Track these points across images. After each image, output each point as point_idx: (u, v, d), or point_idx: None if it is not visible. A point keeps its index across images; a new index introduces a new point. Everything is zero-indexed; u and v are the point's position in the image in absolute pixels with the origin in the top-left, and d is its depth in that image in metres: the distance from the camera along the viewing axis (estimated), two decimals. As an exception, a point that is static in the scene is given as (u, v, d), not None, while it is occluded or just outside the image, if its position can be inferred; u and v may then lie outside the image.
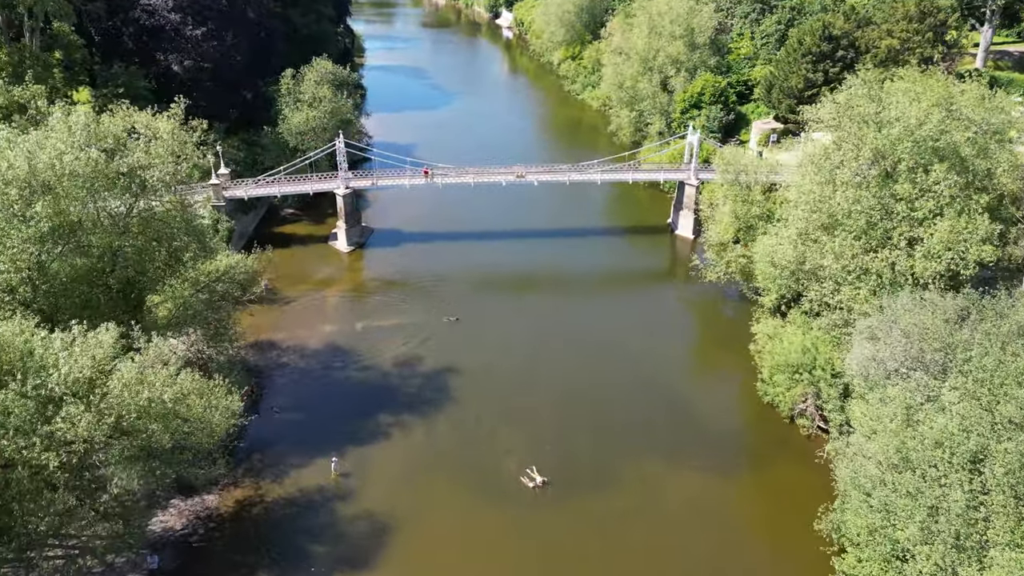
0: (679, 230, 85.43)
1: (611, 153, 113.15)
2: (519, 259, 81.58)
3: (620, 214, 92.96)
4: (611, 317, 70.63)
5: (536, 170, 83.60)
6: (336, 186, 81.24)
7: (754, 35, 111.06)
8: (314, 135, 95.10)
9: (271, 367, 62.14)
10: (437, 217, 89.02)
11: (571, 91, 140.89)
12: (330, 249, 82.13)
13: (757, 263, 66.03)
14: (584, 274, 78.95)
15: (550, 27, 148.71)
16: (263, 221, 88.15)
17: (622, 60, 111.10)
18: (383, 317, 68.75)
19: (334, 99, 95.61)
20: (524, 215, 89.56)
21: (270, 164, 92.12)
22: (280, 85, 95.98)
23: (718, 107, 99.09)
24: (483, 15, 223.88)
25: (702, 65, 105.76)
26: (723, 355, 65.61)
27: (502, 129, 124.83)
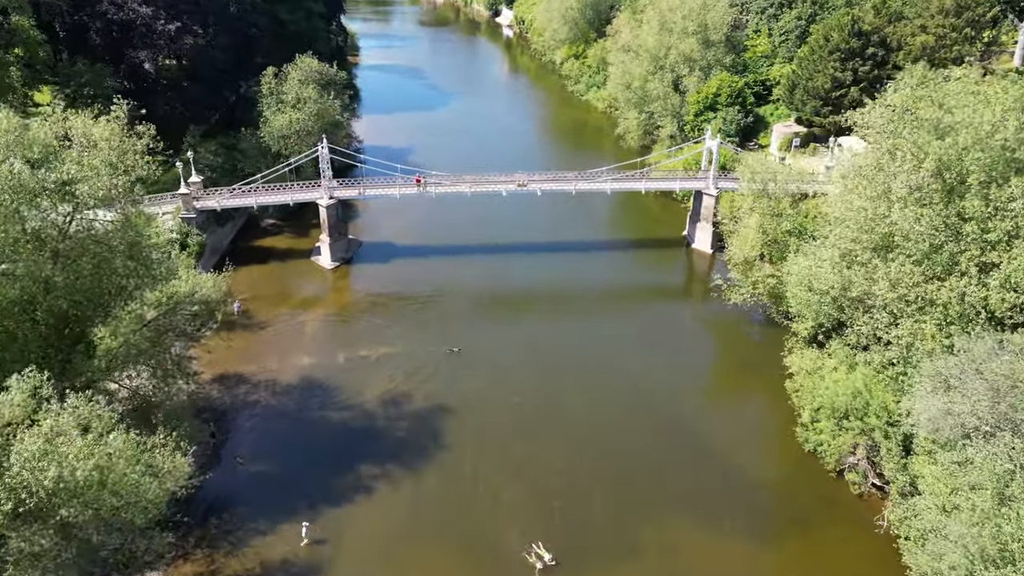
0: (696, 244, 77.25)
1: (618, 158, 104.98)
2: (521, 276, 73.48)
3: (630, 226, 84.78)
4: (624, 343, 62.55)
5: (539, 178, 75.51)
6: (319, 196, 73.07)
7: (772, 32, 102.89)
8: (298, 139, 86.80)
9: (238, 406, 53.99)
10: (431, 228, 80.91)
11: (574, 92, 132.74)
12: (313, 265, 73.95)
13: (789, 285, 57.96)
14: (592, 293, 70.86)
15: (552, 24, 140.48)
16: (241, 233, 79.95)
17: (630, 59, 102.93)
18: (369, 346, 60.57)
19: (320, 100, 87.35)
20: (526, 227, 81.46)
21: (250, 171, 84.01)
22: (262, 85, 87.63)
23: (735, 109, 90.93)
24: (482, 13, 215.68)
25: (717, 64, 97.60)
26: (752, 390, 57.56)
27: (502, 132, 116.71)
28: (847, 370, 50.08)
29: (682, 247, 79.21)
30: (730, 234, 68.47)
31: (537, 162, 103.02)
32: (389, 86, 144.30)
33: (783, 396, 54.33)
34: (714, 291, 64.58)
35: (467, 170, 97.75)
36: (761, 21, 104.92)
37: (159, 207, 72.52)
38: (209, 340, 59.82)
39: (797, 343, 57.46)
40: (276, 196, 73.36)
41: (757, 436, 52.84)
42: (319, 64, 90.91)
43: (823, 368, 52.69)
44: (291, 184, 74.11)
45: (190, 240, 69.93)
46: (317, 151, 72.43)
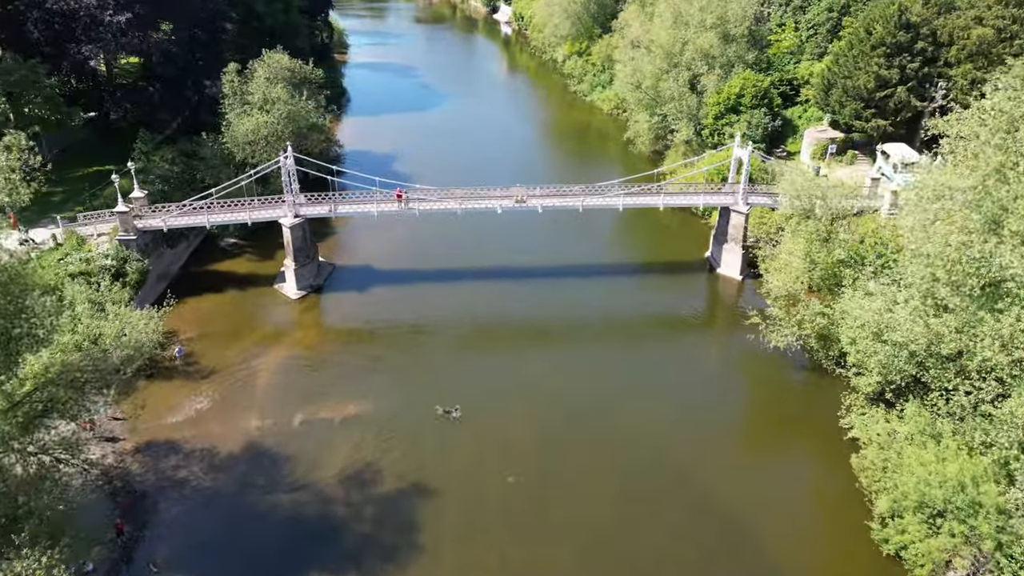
0: (722, 268, 65.72)
1: (627, 165, 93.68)
2: (519, 306, 62.03)
3: (644, 246, 73.12)
4: (641, 393, 51.23)
5: (540, 193, 64.00)
6: (281, 215, 61.59)
7: (798, 25, 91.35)
8: (266, 145, 75.29)
9: (163, 486, 42.57)
10: (416, 249, 69.54)
11: (577, 92, 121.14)
12: (276, 294, 62.46)
13: (846, 328, 46.74)
14: (602, 328, 59.40)
15: (553, 20, 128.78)
16: (195, 256, 68.40)
17: (640, 55, 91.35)
18: (333, 402, 49.09)
19: (291, 101, 75.82)
20: (525, 247, 69.93)
21: (211, 181, 72.57)
22: (223, 84, 76.06)
23: (761, 112, 79.38)
24: (480, 10, 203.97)
25: (738, 61, 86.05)
26: (802, 458, 46.23)
27: (499, 136, 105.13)
28: (935, 447, 38.70)
29: (705, 271, 67.72)
30: (766, 260, 57.13)
31: (537, 170, 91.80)
32: (378, 85, 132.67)
33: (842, 468, 43.09)
34: (748, 328, 53.37)
35: (460, 179, 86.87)
36: (786, 14, 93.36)
37: (94, 227, 61.16)
38: (140, 393, 48.76)
39: (858, 400, 46.16)
40: (232, 214, 61.85)
41: (817, 529, 41.40)
42: (290, 60, 79.37)
43: (897, 437, 41.39)
44: (251, 200, 62.55)
45: (128, 266, 58.50)
46: (282, 160, 60.72)
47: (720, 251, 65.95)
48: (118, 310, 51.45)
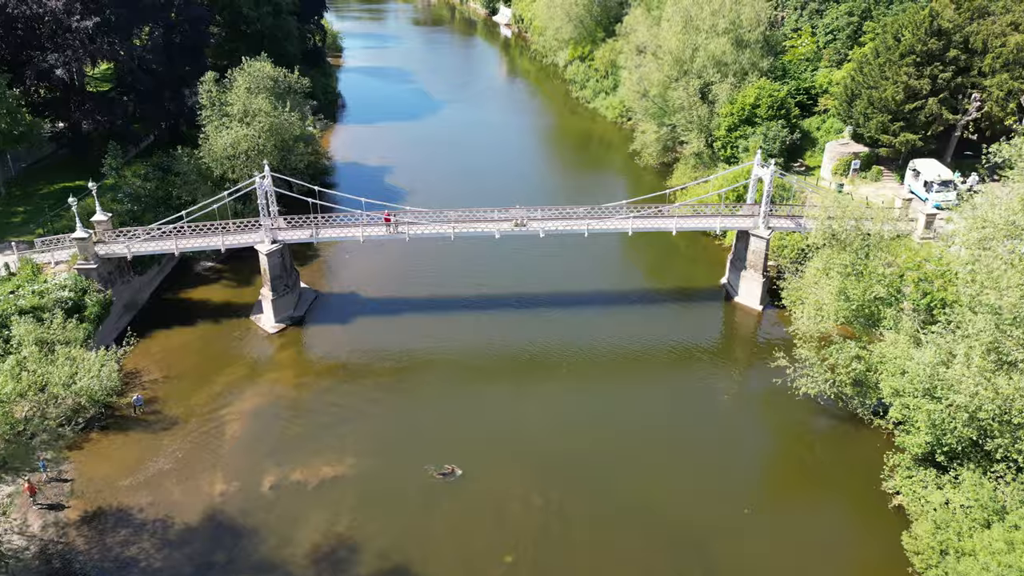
0: (740, 297, 59.81)
1: (632, 177, 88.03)
2: (517, 338, 56.21)
3: (654, 271, 67.09)
4: (651, 441, 45.63)
5: (542, 215, 58.06)
6: (258, 240, 55.70)
7: (815, 30, 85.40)
8: (247, 160, 69.55)
9: (107, 568, 36.64)
10: (407, 275, 63.73)
11: (580, 98, 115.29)
12: (252, 328, 56.60)
13: (888, 378, 40.94)
14: (608, 365, 53.45)
15: (555, 23, 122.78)
16: (168, 282, 62.56)
17: (647, 62, 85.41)
18: (308, 460, 43.20)
19: (274, 113, 69.92)
20: (525, 272, 64.08)
21: (188, 199, 66.95)
22: (200, 94, 70.16)
23: (779, 124, 73.41)
24: (479, 12, 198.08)
25: (752, 68, 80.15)
26: (837, 525, 40.27)
27: (497, 145, 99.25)
28: (1001, 528, 32.87)
29: (720, 300, 61.77)
30: (790, 292, 51.35)
31: (537, 183, 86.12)
32: (374, 91, 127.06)
33: (887, 541, 37.31)
34: (771, 366, 47.73)
35: (456, 192, 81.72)
36: (801, 18, 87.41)
37: (52, 254, 55.35)
38: (91, 448, 43.02)
39: (904, 462, 40.36)
40: (202, 240, 55.96)
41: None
42: (273, 68, 73.43)
43: (953, 510, 35.59)
44: (225, 224, 56.62)
45: (88, 299, 52.65)
46: (257, 181, 54.79)
47: (738, 278, 60.02)
48: (71, 351, 46.06)
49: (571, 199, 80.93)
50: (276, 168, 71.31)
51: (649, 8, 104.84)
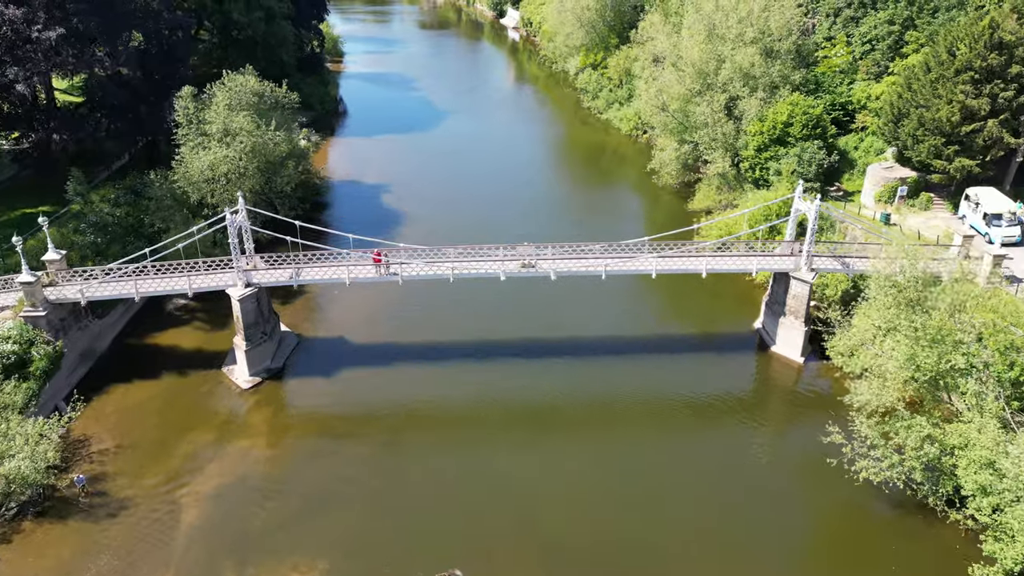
0: (778, 347, 52.23)
1: (649, 198, 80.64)
2: (524, 392, 49.09)
3: (676, 311, 59.28)
4: (682, 528, 38.21)
5: (552, 254, 50.58)
6: (229, 283, 48.44)
7: (851, 39, 77.57)
8: (227, 184, 62.49)
9: None
10: (402, 315, 56.40)
11: (592, 108, 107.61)
12: (224, 381, 49.39)
13: (971, 468, 33.52)
14: (626, 428, 46.02)
15: (565, 28, 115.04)
16: (133, 324, 55.31)
17: (666, 73, 77.75)
18: (275, 563, 35.93)
19: (258, 132, 62.71)
20: (532, 312, 56.57)
21: (161, 227, 60.02)
22: (177, 111, 62.99)
23: (815, 144, 65.72)
24: (486, 14, 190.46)
25: (784, 82, 72.49)
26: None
27: (503, 160, 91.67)
28: None
29: (753, 348, 54.23)
30: (839, 345, 43.98)
31: (546, 203, 78.81)
32: (375, 99, 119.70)
33: None
34: (815, 431, 40.37)
35: (458, 211, 74.62)
36: (835, 26, 79.53)
37: None
38: (21, 542, 35.99)
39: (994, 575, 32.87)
40: (167, 283, 48.74)
41: None
42: (258, 82, 66.17)
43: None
44: (194, 263, 49.33)
45: (35, 351, 45.55)
46: (228, 217, 47.46)
47: (775, 324, 52.46)
48: (4, 422, 39.06)
49: (584, 222, 74.29)
50: (260, 192, 64.58)
51: (667, 14, 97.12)
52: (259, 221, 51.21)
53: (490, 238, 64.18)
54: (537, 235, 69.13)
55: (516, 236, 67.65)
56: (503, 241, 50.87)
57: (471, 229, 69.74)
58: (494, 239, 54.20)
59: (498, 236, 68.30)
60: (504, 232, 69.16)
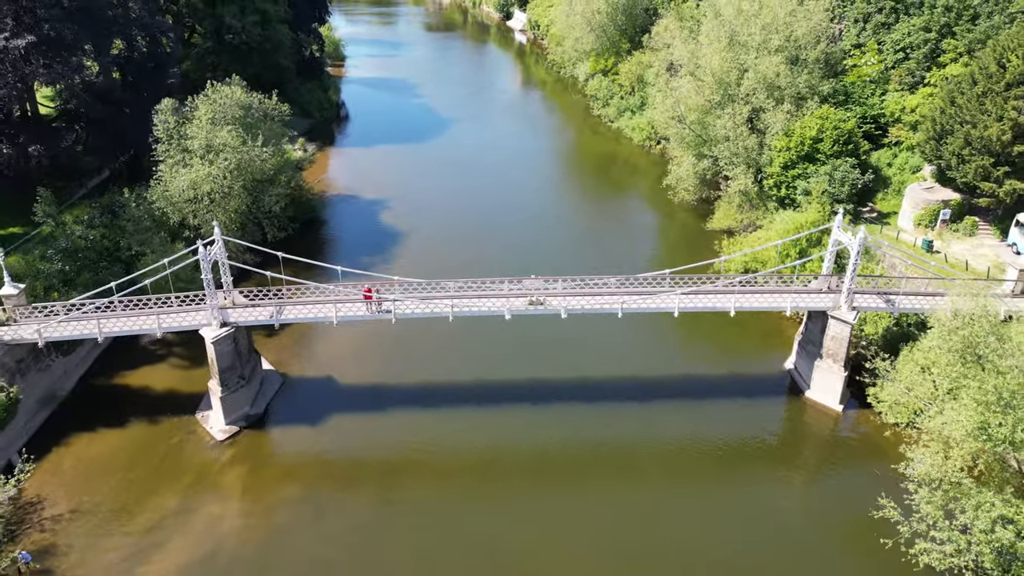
0: (813, 392, 46.71)
1: (664, 213, 74.94)
2: (532, 442, 43.97)
3: (694, 346, 53.37)
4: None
5: (563, 288, 45.22)
6: (203, 322, 43.18)
7: (882, 46, 71.82)
8: (211, 204, 57.37)
9: None
10: (397, 351, 51.12)
11: (602, 116, 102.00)
12: (197, 429, 44.16)
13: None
14: (644, 484, 40.85)
15: (574, 32, 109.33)
16: (102, 361, 50.01)
17: (684, 82, 72.11)
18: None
19: (243, 148, 57.49)
20: (540, 353, 50.95)
21: (139, 251, 54.89)
22: (156, 125, 57.83)
23: (848, 162, 60.14)
24: (492, 16, 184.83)
25: (811, 93, 66.92)
26: None
27: (509, 170, 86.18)
28: None
29: (783, 391, 48.73)
30: (883, 393, 38.61)
31: (553, 220, 73.40)
32: (377, 105, 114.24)
33: None
34: (858, 495, 35.08)
35: (460, 231, 69.30)
36: (864, 32, 73.74)
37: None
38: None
39: None
40: (133, 321, 43.52)
41: None
42: (244, 93, 60.88)
43: None
44: (167, 297, 44.08)
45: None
46: (200, 251, 42.20)
47: (809, 367, 46.91)
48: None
49: (593, 240, 68.73)
50: (247, 212, 59.39)
51: (681, 17, 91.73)
52: (240, 250, 45.92)
53: (494, 258, 59.37)
54: (544, 254, 64.61)
55: (521, 256, 63.28)
56: (507, 264, 46.19)
57: (473, 248, 65.05)
58: (498, 259, 49.24)
59: (502, 256, 63.68)
60: (509, 252, 64.42)
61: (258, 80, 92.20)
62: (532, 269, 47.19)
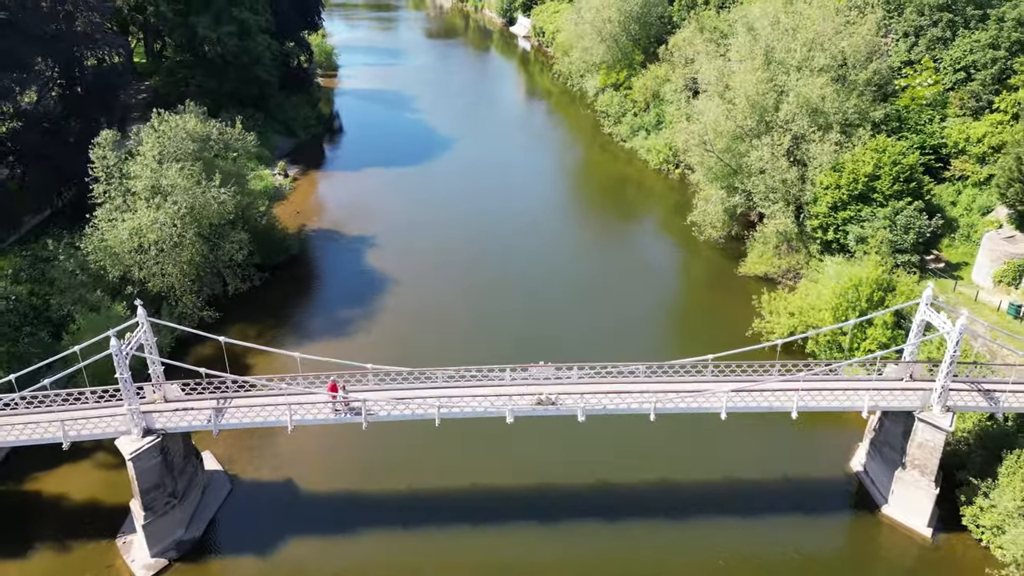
0: (891, 507, 36.70)
1: (688, 251, 64.85)
2: (541, 571, 33.80)
3: (735, 439, 42.52)
4: None
5: (579, 377, 35.37)
6: (121, 429, 33.32)
7: (939, 64, 61.74)
8: (159, 255, 47.54)
9: None
10: (373, 450, 40.99)
11: (613, 134, 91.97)
12: (117, 562, 34.28)
13: None
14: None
15: (583, 42, 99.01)
16: (9, 459, 40.07)
17: (713, 104, 62.02)
18: None
19: (195, 189, 47.62)
20: (548, 450, 40.91)
21: (67, 311, 45.20)
22: (93, 163, 48.01)
23: (912, 206, 50.13)
24: (495, 21, 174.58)
25: (862, 119, 56.98)
26: None
27: (510, 199, 76.23)
28: None
29: (849, 499, 38.75)
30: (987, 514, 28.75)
31: (560, 261, 63.41)
32: (370, 121, 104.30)
33: None
34: None
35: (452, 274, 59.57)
36: (916, 48, 63.60)
37: None
38: None
39: None
40: (33, 429, 33.62)
41: None
42: (200, 122, 50.93)
43: None
44: (80, 392, 34.26)
45: None
46: (113, 343, 32.37)
47: (887, 476, 36.92)
48: None
49: (608, 290, 58.52)
50: (203, 263, 49.55)
51: (702, 28, 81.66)
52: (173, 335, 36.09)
53: (491, 315, 49.91)
54: (550, 306, 54.78)
55: (524, 311, 53.42)
56: (508, 322, 36.75)
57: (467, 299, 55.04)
58: (497, 316, 38.99)
59: (502, 312, 53.95)
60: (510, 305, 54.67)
61: (236, 95, 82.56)
62: (537, 328, 37.66)
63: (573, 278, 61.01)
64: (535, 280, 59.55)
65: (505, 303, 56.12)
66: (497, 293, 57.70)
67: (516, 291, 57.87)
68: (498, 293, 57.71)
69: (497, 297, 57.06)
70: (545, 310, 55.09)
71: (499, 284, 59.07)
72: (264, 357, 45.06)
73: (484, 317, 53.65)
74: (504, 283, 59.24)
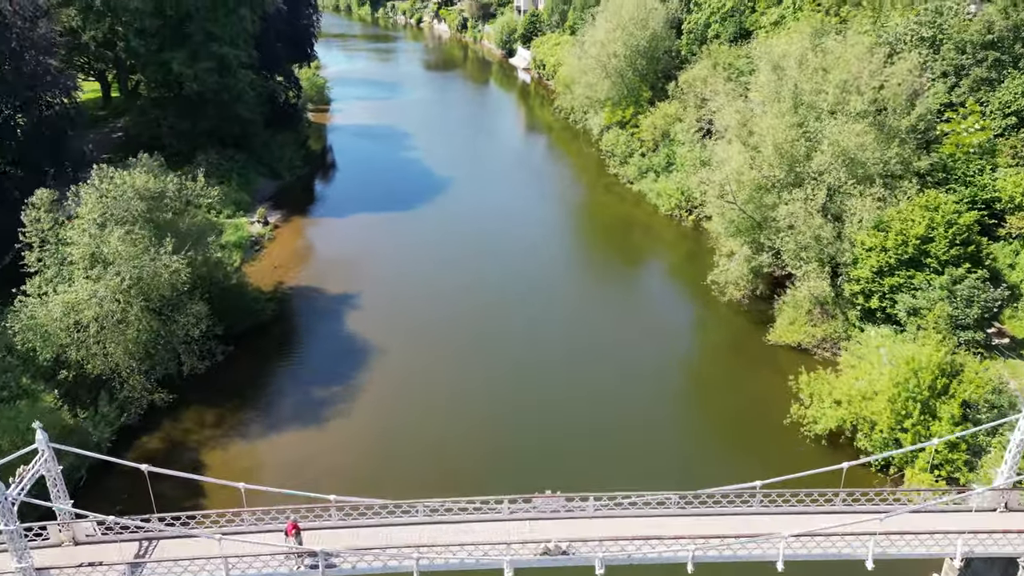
0: None
1: (709, 310, 57.09)
2: None
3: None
4: None
5: (595, 510, 27.76)
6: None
7: (985, 108, 54.69)
8: (100, 332, 40.03)
9: None
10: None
11: (618, 176, 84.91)
12: None
13: None
14: None
15: (586, 77, 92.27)
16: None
17: (735, 150, 54.95)
18: None
19: (142, 258, 40.20)
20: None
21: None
22: (26, 227, 40.72)
23: (976, 274, 42.73)
24: (494, 52, 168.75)
25: (905, 169, 49.86)
26: None
27: (510, 254, 68.83)
28: None
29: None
30: None
31: (567, 326, 55.81)
32: (359, 158, 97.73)
33: None
34: None
35: (440, 348, 51.87)
36: (958, 90, 56.56)
37: None
38: None
39: None
40: None
41: None
42: (151, 178, 43.55)
43: None
44: None
45: None
46: (32, 466, 24.80)
47: (977, 630, 29.08)
48: None
49: (616, 359, 50.38)
50: (156, 339, 42.04)
51: (716, 63, 75.07)
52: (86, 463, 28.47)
53: (482, 388, 42.57)
54: (555, 380, 47.21)
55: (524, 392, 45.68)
56: (496, 393, 29.42)
57: (458, 381, 47.44)
58: (487, 388, 31.43)
59: (491, 382, 46.43)
60: (507, 381, 47.07)
61: (217, 134, 75.77)
62: (537, 414, 29.80)
63: (579, 339, 53.43)
64: (537, 346, 52.01)
65: (497, 375, 48.58)
66: (489, 362, 50.22)
67: (511, 360, 50.33)
68: (490, 362, 50.22)
69: (490, 367, 49.56)
70: (547, 374, 47.72)
71: (491, 351, 51.58)
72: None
73: (475, 395, 46.05)
74: (497, 349, 51.73)
